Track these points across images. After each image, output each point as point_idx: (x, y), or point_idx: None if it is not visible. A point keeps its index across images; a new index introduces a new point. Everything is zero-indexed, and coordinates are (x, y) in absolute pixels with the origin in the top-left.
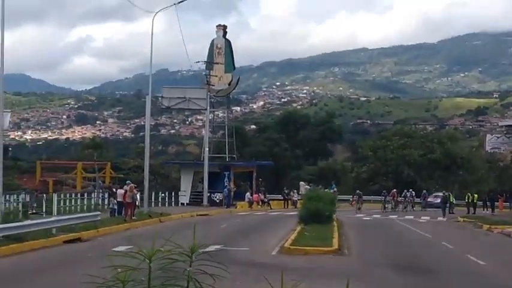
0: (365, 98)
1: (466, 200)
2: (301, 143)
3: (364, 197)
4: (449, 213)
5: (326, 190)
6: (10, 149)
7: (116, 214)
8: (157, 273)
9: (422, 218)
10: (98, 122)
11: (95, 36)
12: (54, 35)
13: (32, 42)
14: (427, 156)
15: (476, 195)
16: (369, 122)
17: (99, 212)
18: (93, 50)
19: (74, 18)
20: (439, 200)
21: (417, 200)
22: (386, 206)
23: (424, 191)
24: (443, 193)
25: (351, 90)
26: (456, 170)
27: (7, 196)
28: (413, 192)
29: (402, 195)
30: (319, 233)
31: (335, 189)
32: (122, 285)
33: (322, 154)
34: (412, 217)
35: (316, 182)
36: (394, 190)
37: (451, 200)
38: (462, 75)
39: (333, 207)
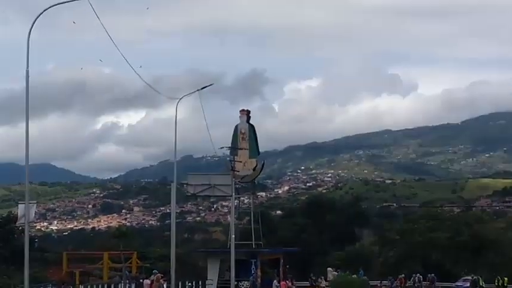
0: (390, 181)
1: (496, 284)
2: (328, 228)
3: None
4: None
5: (354, 276)
6: (36, 240)
7: None
8: None
9: None
10: (123, 211)
11: (120, 124)
12: (79, 123)
13: (57, 131)
14: (454, 239)
15: (506, 279)
16: (395, 205)
17: None
18: (118, 137)
19: (99, 106)
20: (468, 284)
21: (424, 283)
22: None
23: (432, 275)
24: (472, 277)
25: (375, 172)
26: (485, 252)
27: None
28: (420, 276)
29: (411, 279)
30: None
31: (364, 276)
32: None
33: (349, 239)
34: None
35: (343, 267)
36: (402, 276)
37: (481, 284)
38: (487, 155)
39: None
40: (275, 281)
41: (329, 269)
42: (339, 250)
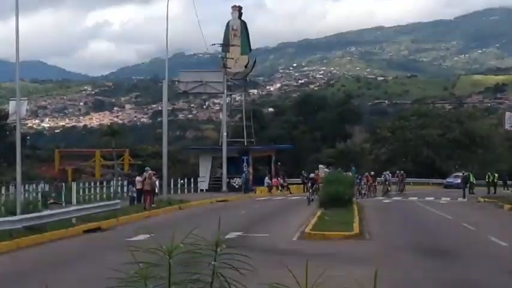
0: (382, 78)
1: (487, 180)
2: (320, 125)
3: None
4: (470, 193)
5: (346, 173)
6: (28, 137)
7: (136, 202)
8: (178, 269)
9: (443, 199)
10: (115, 108)
11: (112, 20)
12: (71, 20)
13: (48, 28)
14: (446, 136)
15: (496, 175)
16: (386, 102)
17: (118, 201)
18: (110, 34)
19: (91, 3)
20: (459, 181)
21: (393, 180)
22: (361, 191)
23: (402, 172)
24: (463, 173)
25: (368, 69)
26: (476, 149)
27: (26, 186)
28: (389, 174)
29: (383, 177)
30: (340, 217)
31: (355, 173)
32: (144, 281)
33: (341, 136)
34: (432, 198)
35: (335, 164)
36: (368, 173)
37: (471, 180)
38: (480, 51)
39: (352, 190)
40: (267, 178)
41: (320, 166)
42: (331, 147)
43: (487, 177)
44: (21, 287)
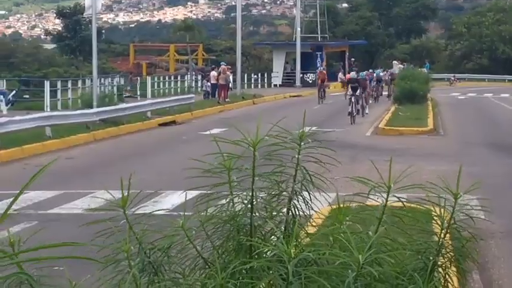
0: None
1: None
2: (394, 21)
3: (459, 76)
4: None
5: (420, 69)
6: (103, 32)
7: (210, 96)
8: (261, 162)
9: None
10: (189, 3)
11: None
12: None
13: None
14: None
15: None
16: None
17: (193, 95)
18: None
19: None
20: None
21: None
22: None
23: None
24: None
25: None
26: None
27: (102, 80)
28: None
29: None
30: (414, 113)
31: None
32: (228, 172)
33: (416, 32)
34: (507, 95)
35: (409, 60)
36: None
37: None
38: None
39: (427, 86)
40: (340, 73)
41: (394, 61)
42: (405, 43)
43: None
44: (102, 176)
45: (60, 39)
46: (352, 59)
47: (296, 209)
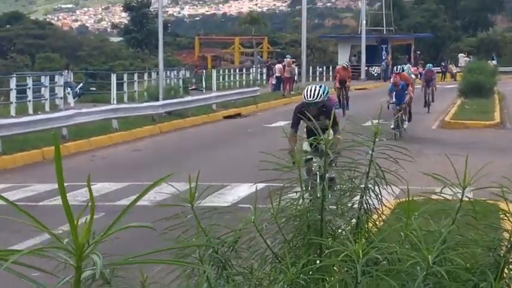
0: None
1: None
2: (461, 14)
3: None
4: None
5: (489, 62)
6: (169, 25)
7: (275, 89)
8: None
9: None
10: None
11: None
12: None
13: None
14: None
15: None
16: None
17: (258, 88)
18: None
19: None
20: None
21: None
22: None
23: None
24: None
25: None
26: None
27: (167, 72)
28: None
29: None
30: (480, 107)
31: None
32: (298, 167)
33: (482, 25)
34: None
35: (475, 54)
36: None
37: None
38: None
39: (494, 79)
40: (405, 66)
41: (460, 54)
42: (471, 36)
43: None
44: (167, 168)
45: (126, 33)
46: (418, 52)
47: (368, 205)
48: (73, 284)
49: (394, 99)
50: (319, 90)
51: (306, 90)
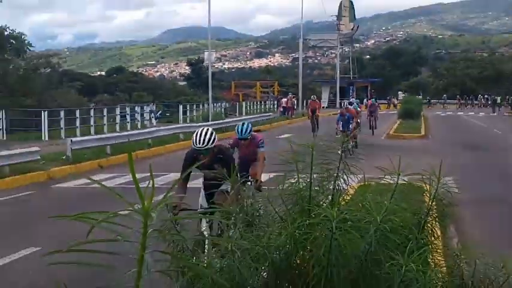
0: (441, 36)
1: (507, 101)
2: (400, 66)
3: (439, 101)
4: (498, 110)
5: (417, 97)
6: (215, 74)
7: (281, 115)
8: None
9: (480, 113)
10: (269, 56)
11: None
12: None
13: (226, 3)
14: (483, 73)
15: None
16: (443, 51)
17: (271, 113)
18: (270, 9)
19: None
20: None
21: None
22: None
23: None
24: (494, 97)
25: (431, 31)
26: (503, 81)
27: (214, 104)
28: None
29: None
30: (412, 125)
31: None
32: (295, 164)
33: (413, 73)
34: (472, 113)
35: (409, 91)
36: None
37: (498, 102)
38: (507, 19)
39: (420, 107)
40: (365, 99)
41: (399, 92)
42: (406, 80)
43: (508, 99)
44: None
45: (188, 79)
46: (373, 90)
47: (339, 187)
48: (142, 232)
49: (341, 128)
50: (210, 135)
51: (194, 135)
